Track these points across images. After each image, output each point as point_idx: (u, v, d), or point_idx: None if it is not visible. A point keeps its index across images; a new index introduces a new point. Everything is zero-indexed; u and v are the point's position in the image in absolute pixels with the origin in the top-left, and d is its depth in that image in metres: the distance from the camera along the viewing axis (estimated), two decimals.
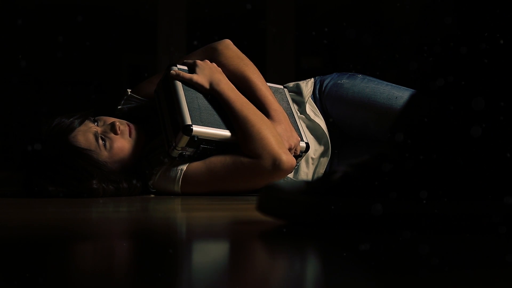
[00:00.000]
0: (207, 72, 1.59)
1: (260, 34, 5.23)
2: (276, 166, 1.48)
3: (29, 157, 1.53)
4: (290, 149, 1.58)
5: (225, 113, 1.57)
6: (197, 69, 1.60)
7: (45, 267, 0.58)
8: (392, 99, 1.71)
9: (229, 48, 1.70)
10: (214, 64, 1.63)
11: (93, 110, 1.64)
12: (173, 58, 4.65)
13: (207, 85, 1.58)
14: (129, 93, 1.76)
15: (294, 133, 1.61)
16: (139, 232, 0.88)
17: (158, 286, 0.48)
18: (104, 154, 1.54)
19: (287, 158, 1.49)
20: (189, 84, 1.58)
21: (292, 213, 0.80)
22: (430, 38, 0.81)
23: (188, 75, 1.58)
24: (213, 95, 1.59)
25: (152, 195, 1.59)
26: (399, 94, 1.71)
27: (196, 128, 1.49)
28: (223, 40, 1.73)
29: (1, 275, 0.54)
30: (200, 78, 1.58)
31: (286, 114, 1.64)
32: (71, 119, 1.55)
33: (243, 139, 1.52)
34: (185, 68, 1.63)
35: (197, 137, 1.49)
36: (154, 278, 0.51)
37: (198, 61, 1.62)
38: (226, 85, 1.58)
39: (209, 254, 0.68)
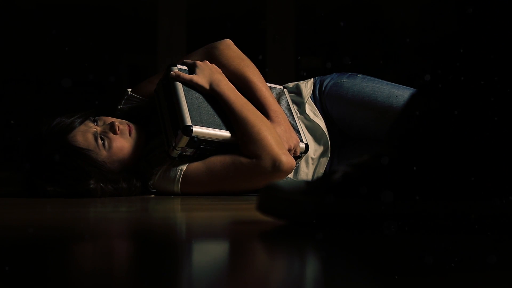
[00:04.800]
0: (207, 73, 1.59)
1: (260, 34, 5.23)
2: (276, 167, 1.48)
3: (28, 157, 1.53)
4: (289, 150, 1.58)
5: (225, 113, 1.57)
6: (197, 70, 1.60)
7: (45, 267, 0.58)
8: (392, 98, 1.71)
9: (230, 48, 1.69)
10: (214, 65, 1.63)
11: (94, 110, 1.64)
12: (173, 58, 4.65)
13: (207, 86, 1.58)
14: (130, 92, 1.76)
15: (293, 134, 1.61)
16: (138, 232, 0.88)
17: (158, 286, 0.48)
18: (103, 154, 1.54)
19: (286, 159, 1.49)
20: (189, 84, 1.58)
21: (292, 213, 0.80)
22: (430, 38, 0.81)
23: (188, 76, 1.58)
24: (213, 96, 1.59)
25: (152, 195, 1.59)
26: (399, 93, 1.71)
27: (196, 129, 1.49)
28: (224, 40, 1.73)
29: (1, 275, 0.53)
30: (200, 78, 1.58)
31: (285, 115, 1.64)
32: (72, 119, 1.55)
33: (243, 140, 1.52)
34: (185, 68, 1.63)
35: (197, 137, 1.49)
36: (154, 278, 0.51)
37: (198, 62, 1.61)
38: (226, 85, 1.58)
39: (209, 254, 0.68)
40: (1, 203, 1.42)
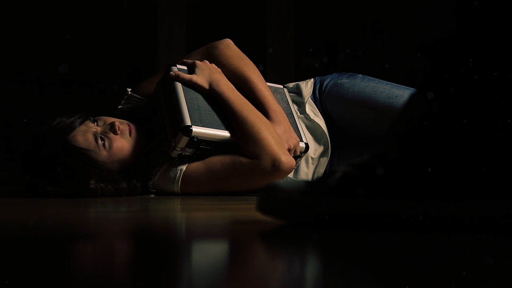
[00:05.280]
0: (207, 73, 1.59)
1: (260, 34, 5.23)
2: (276, 167, 1.48)
3: (28, 157, 1.53)
4: (289, 150, 1.58)
5: (225, 113, 1.57)
6: (197, 70, 1.60)
7: (45, 267, 0.58)
8: (392, 98, 1.71)
9: (229, 47, 1.70)
10: (213, 65, 1.63)
11: (94, 110, 1.64)
12: (173, 58, 4.65)
13: (206, 86, 1.58)
14: (129, 92, 1.76)
15: (293, 133, 1.61)
16: (138, 232, 0.88)
17: (158, 286, 0.48)
18: (103, 154, 1.54)
19: (286, 159, 1.49)
20: (189, 84, 1.58)
21: (292, 213, 0.80)
22: (430, 38, 0.80)
23: (187, 76, 1.58)
24: (212, 96, 1.59)
25: (152, 195, 1.59)
26: (399, 93, 1.71)
27: (195, 129, 1.49)
28: (224, 39, 1.73)
29: (1, 275, 0.53)
30: (199, 78, 1.58)
31: (285, 114, 1.64)
32: (72, 119, 1.55)
33: (243, 140, 1.52)
34: (185, 68, 1.63)
35: (197, 137, 1.49)
36: (154, 278, 0.51)
37: (198, 62, 1.62)
38: (225, 85, 1.58)
39: (209, 254, 0.68)
40: (1, 203, 1.42)
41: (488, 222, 0.73)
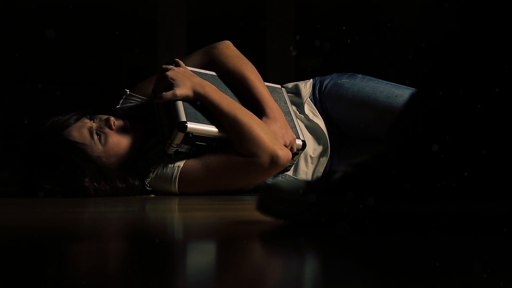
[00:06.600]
0: (185, 80, 1.56)
1: (260, 34, 5.23)
2: (274, 163, 1.50)
3: (25, 155, 1.53)
4: (285, 146, 1.58)
5: None
6: (174, 82, 1.55)
7: (44, 267, 0.57)
8: (392, 98, 1.71)
9: (229, 48, 1.71)
10: (182, 68, 1.61)
11: (90, 109, 1.64)
12: (173, 58, 4.64)
13: (191, 93, 1.55)
14: (128, 92, 1.76)
15: (289, 130, 1.61)
16: (136, 232, 0.88)
17: (155, 286, 0.48)
18: (98, 148, 1.53)
19: (283, 153, 1.51)
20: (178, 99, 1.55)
21: (292, 213, 0.80)
22: (430, 38, 0.80)
23: (169, 94, 1.53)
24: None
25: (152, 195, 1.59)
26: (399, 93, 1.71)
27: (190, 125, 1.49)
28: (223, 41, 1.74)
29: (0, 275, 0.53)
30: (181, 90, 1.54)
31: (282, 112, 1.64)
32: (67, 116, 1.55)
33: (237, 140, 1.52)
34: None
35: (192, 133, 1.50)
36: (152, 278, 0.50)
37: (168, 73, 1.56)
38: (208, 86, 1.56)
39: (208, 254, 0.67)
40: (1, 203, 1.42)
41: (488, 222, 0.73)
